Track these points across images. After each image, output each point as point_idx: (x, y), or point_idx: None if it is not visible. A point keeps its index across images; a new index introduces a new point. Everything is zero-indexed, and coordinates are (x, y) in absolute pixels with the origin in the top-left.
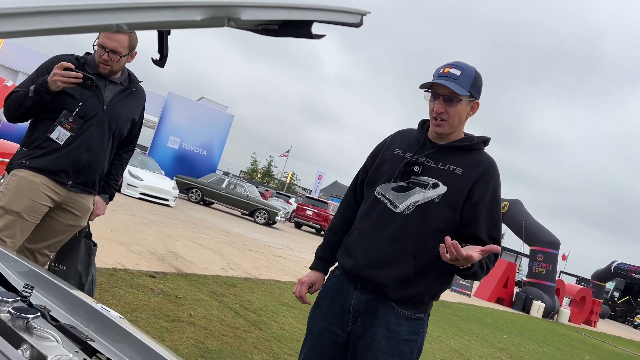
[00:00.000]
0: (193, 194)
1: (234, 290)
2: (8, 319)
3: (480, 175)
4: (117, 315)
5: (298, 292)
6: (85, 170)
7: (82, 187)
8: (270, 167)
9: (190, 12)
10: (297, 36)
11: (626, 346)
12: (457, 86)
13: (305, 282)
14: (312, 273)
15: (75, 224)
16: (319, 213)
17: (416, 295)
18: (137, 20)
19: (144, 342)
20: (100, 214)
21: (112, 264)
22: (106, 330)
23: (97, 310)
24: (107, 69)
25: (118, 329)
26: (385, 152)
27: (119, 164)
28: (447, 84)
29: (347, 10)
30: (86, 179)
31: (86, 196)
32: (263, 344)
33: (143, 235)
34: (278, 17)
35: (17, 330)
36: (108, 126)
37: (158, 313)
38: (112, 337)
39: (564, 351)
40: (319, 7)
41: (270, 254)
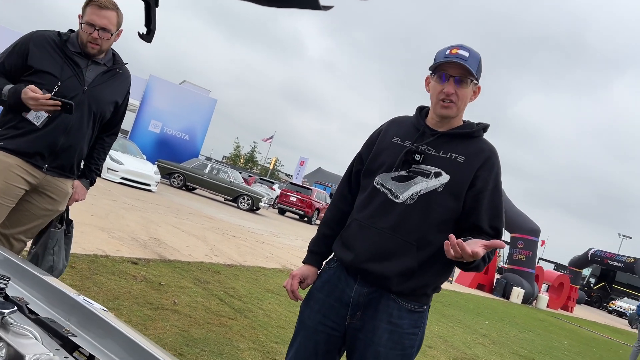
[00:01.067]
0: (175, 179)
1: (218, 277)
2: None
3: (483, 163)
4: (101, 307)
5: (289, 286)
6: (63, 154)
7: (60, 170)
8: (254, 153)
9: None
10: (303, 6)
11: (602, 331)
12: (469, 66)
13: (296, 275)
14: (304, 267)
15: (52, 209)
16: (303, 199)
17: (419, 288)
18: None
19: (129, 337)
20: (79, 198)
21: (93, 250)
22: (89, 324)
23: (79, 302)
24: (97, 48)
25: (101, 322)
26: (382, 141)
27: (101, 148)
28: (461, 62)
29: None
30: (63, 163)
31: (64, 180)
32: (249, 331)
33: (124, 221)
34: None
35: None
36: (88, 108)
37: (141, 301)
38: (95, 332)
39: (544, 336)
40: None
41: (254, 240)
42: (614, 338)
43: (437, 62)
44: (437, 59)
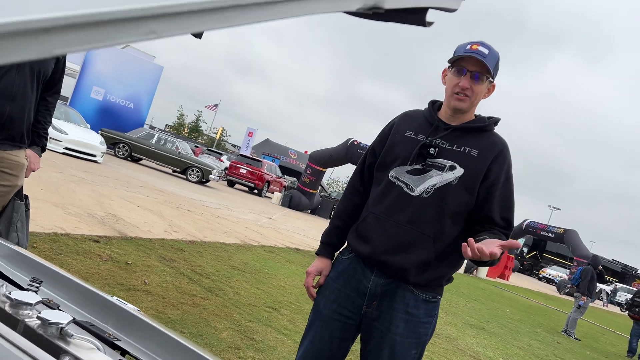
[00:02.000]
0: (120, 149)
1: (182, 254)
2: (38, 326)
3: (496, 157)
4: (134, 308)
5: (307, 283)
6: (11, 123)
7: (10, 142)
8: (199, 122)
9: None
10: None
11: (536, 298)
12: (487, 63)
13: (312, 273)
14: (318, 261)
15: (10, 184)
16: (253, 172)
17: (435, 279)
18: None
19: (173, 338)
20: (35, 168)
21: (52, 228)
22: (128, 327)
23: (114, 303)
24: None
25: (140, 324)
26: (395, 135)
27: (45, 110)
28: (481, 58)
29: None
30: (13, 133)
31: (17, 152)
32: (222, 310)
33: (76, 195)
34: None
35: (52, 339)
36: (30, 69)
37: (111, 282)
38: (135, 334)
39: (488, 305)
40: None
41: (209, 215)
42: (546, 304)
43: (456, 56)
44: (457, 53)
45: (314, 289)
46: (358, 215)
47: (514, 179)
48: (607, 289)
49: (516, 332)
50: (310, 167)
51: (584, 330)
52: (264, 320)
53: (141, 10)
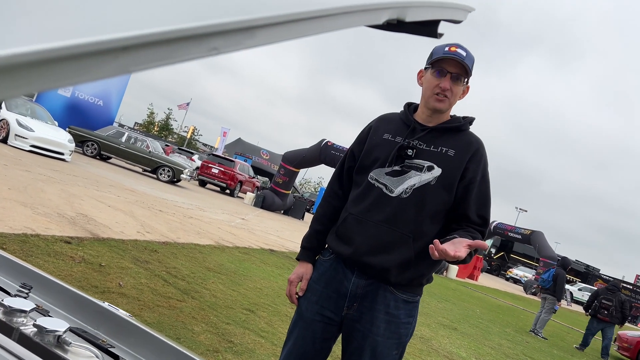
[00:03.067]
0: (89, 148)
1: (156, 256)
2: (34, 334)
3: (472, 156)
4: (126, 313)
5: (288, 292)
6: None
7: None
8: (169, 120)
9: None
10: (423, 35)
11: (504, 298)
12: (467, 66)
13: (294, 280)
14: (299, 266)
15: None
16: (225, 171)
17: (416, 278)
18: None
19: (167, 343)
20: None
21: (21, 229)
22: (120, 333)
23: (106, 309)
24: None
25: (133, 329)
26: (373, 138)
27: None
28: (462, 61)
29: (460, 7)
30: None
31: None
32: (199, 313)
33: (45, 195)
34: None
35: (49, 347)
36: None
37: (85, 284)
38: (129, 340)
39: (459, 305)
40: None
41: (182, 215)
42: (514, 304)
43: (436, 57)
44: (436, 54)
45: (296, 296)
46: (337, 218)
47: (489, 176)
48: (572, 289)
49: (487, 332)
50: (284, 167)
51: (551, 329)
52: (241, 323)
53: (205, 28)
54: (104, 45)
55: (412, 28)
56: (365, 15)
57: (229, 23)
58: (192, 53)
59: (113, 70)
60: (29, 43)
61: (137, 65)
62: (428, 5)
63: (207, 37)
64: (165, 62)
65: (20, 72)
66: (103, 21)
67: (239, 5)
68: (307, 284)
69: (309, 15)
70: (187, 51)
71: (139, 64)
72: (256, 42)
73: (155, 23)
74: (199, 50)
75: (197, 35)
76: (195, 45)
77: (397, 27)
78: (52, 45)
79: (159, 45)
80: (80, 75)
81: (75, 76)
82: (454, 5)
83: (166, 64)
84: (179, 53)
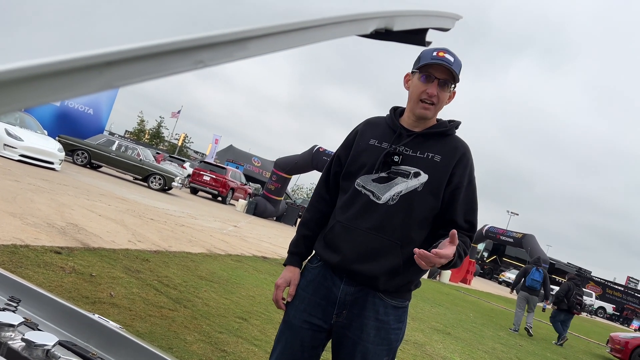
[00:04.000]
0: (79, 157)
1: (148, 265)
2: (22, 348)
3: (458, 161)
4: (117, 325)
5: (275, 297)
6: None
7: None
8: (160, 128)
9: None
10: (412, 43)
11: (497, 301)
12: (454, 72)
13: (281, 285)
14: (287, 271)
15: None
16: (217, 179)
17: (404, 284)
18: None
19: (160, 355)
20: None
21: (10, 240)
22: (111, 345)
23: (96, 321)
24: None
25: (124, 341)
26: (359, 143)
27: None
28: (450, 67)
29: (447, 16)
30: None
31: None
32: (192, 322)
33: (35, 205)
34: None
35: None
36: None
37: (75, 295)
38: (119, 353)
39: (452, 310)
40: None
41: (173, 223)
42: (507, 308)
43: (423, 62)
44: (423, 59)
45: (283, 301)
46: (325, 223)
47: (476, 181)
48: None
49: (480, 336)
50: (276, 174)
51: (544, 332)
52: (234, 331)
53: (191, 42)
54: (87, 61)
55: (401, 37)
56: (353, 26)
57: (214, 36)
58: (177, 67)
59: (97, 86)
60: (12, 60)
61: (121, 80)
62: (415, 15)
63: (192, 51)
64: (150, 76)
65: (5, 89)
66: (85, 37)
67: (225, 18)
68: (295, 289)
69: (297, 27)
70: (171, 65)
71: (123, 79)
72: (244, 54)
73: (139, 37)
74: (184, 64)
75: (181, 49)
76: (180, 59)
77: (385, 35)
78: (35, 62)
79: (143, 60)
80: (65, 91)
81: (59, 93)
82: (441, 14)
83: (151, 78)
84: (163, 67)
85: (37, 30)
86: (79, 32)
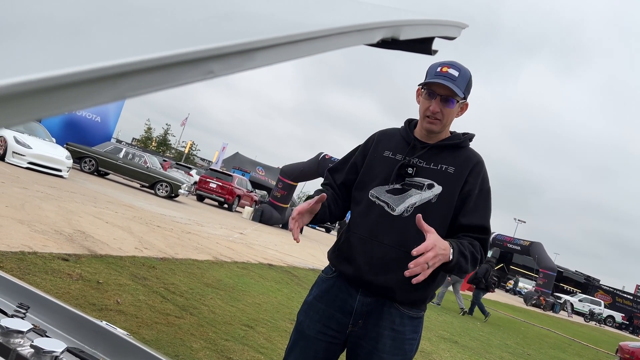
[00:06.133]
0: (86, 164)
1: (154, 272)
2: (31, 355)
3: (471, 170)
4: (124, 332)
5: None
6: None
7: None
8: (167, 136)
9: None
10: (418, 52)
11: (504, 310)
12: (456, 88)
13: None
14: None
15: None
16: (224, 186)
17: (421, 296)
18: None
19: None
20: None
21: (19, 247)
22: (118, 352)
23: (103, 328)
24: None
25: (131, 348)
26: (373, 154)
27: None
28: (448, 84)
29: (453, 25)
30: None
31: None
32: (198, 329)
33: (43, 212)
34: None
35: None
36: None
37: (82, 302)
38: (126, 359)
39: (459, 318)
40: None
41: (179, 231)
42: (515, 316)
43: (427, 80)
44: (428, 75)
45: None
46: (334, 202)
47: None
48: (572, 300)
49: (487, 344)
50: (282, 181)
51: (552, 341)
52: (240, 339)
53: (202, 52)
54: (101, 73)
55: (407, 45)
56: (359, 36)
57: (224, 47)
58: (188, 77)
59: (111, 97)
60: (29, 72)
61: (134, 90)
62: (421, 24)
63: (202, 61)
64: (161, 86)
65: (21, 100)
66: (99, 49)
67: (235, 28)
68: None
69: (304, 37)
70: (183, 75)
71: (135, 89)
72: (254, 64)
73: (151, 49)
74: (194, 74)
75: (192, 59)
76: (191, 70)
77: (391, 44)
78: (52, 74)
79: (155, 71)
80: (80, 102)
81: (75, 103)
82: (447, 23)
83: (163, 88)
84: (175, 78)
85: (54, 43)
86: (93, 44)
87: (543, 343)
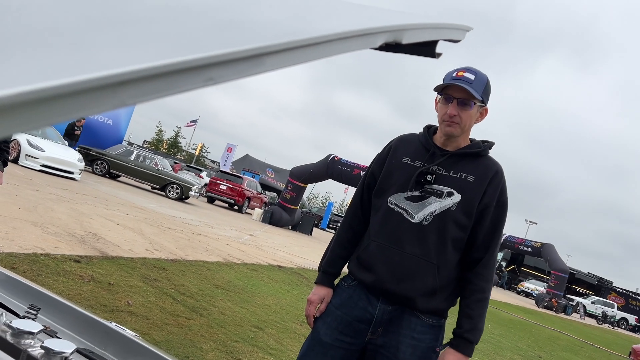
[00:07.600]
0: (98, 166)
1: (165, 273)
2: (41, 355)
3: (490, 181)
4: (133, 334)
5: (307, 311)
6: None
7: None
8: (177, 138)
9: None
10: (422, 55)
11: (515, 312)
12: (473, 90)
13: (314, 301)
14: (320, 289)
15: None
16: (234, 188)
17: (442, 305)
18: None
19: None
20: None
21: (31, 249)
22: (127, 353)
23: (113, 329)
24: None
25: (140, 350)
26: (392, 160)
27: None
28: (464, 86)
29: (457, 28)
30: None
31: None
32: (207, 331)
33: (55, 214)
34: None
35: None
36: None
37: (94, 303)
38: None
39: None
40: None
41: (190, 232)
42: (526, 318)
43: (442, 84)
44: (444, 81)
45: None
46: (358, 242)
47: (507, 200)
48: (585, 302)
49: (499, 347)
50: (291, 182)
51: (564, 343)
52: (249, 340)
53: (202, 60)
54: (101, 82)
55: (410, 49)
56: (362, 40)
57: (225, 54)
58: (188, 85)
59: (112, 105)
60: (31, 82)
61: (134, 98)
62: (425, 27)
63: (202, 69)
64: (162, 94)
65: (23, 110)
66: (100, 58)
67: (236, 35)
68: (327, 307)
69: (306, 43)
70: (182, 83)
71: (135, 97)
72: (254, 71)
73: (150, 58)
74: (194, 82)
75: (191, 67)
76: (191, 77)
77: (395, 48)
78: (52, 84)
79: (154, 79)
80: (82, 110)
81: (77, 111)
82: (451, 26)
83: (163, 96)
84: (175, 85)
85: (54, 52)
86: (94, 54)
87: (555, 345)
